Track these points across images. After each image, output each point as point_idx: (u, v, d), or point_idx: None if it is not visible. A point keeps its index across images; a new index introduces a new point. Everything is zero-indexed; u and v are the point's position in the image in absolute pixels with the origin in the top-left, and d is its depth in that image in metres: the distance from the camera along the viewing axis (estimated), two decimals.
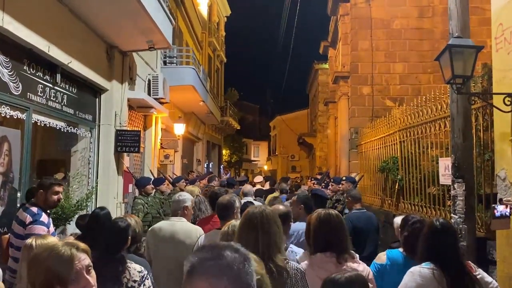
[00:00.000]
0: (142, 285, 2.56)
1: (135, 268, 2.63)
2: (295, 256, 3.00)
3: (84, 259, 1.63)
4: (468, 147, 4.70)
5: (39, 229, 3.72)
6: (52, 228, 4.11)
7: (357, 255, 2.73)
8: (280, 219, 2.54)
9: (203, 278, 1.05)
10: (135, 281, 2.56)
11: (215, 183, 9.44)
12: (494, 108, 4.23)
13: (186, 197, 4.11)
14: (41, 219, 3.80)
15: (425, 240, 2.68)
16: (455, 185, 4.71)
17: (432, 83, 11.29)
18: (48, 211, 4.10)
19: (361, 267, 2.61)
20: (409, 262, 2.91)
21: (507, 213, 3.84)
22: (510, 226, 3.89)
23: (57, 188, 3.99)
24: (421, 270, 2.56)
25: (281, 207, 3.53)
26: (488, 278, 2.65)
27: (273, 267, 2.23)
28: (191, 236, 3.76)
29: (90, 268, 1.65)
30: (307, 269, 2.54)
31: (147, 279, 2.62)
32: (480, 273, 2.62)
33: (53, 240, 2.66)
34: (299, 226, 4.02)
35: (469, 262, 2.70)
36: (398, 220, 3.64)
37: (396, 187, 7.89)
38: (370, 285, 2.30)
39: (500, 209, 3.87)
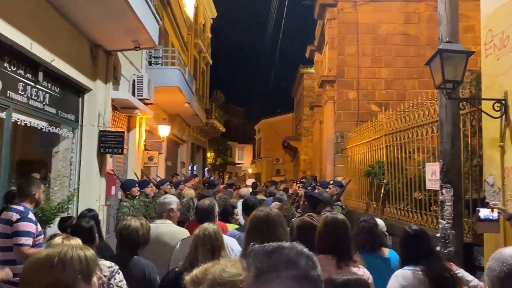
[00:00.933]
0: (112, 279, 2.62)
1: (104, 264, 2.67)
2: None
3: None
4: (457, 153, 4.71)
5: (27, 226, 3.66)
6: (39, 226, 3.99)
7: (360, 259, 2.77)
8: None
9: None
10: (105, 276, 2.58)
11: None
12: (483, 114, 4.24)
13: (172, 199, 4.10)
14: (28, 216, 3.73)
15: (402, 246, 2.89)
16: (444, 190, 4.70)
17: (417, 89, 11.39)
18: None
19: (361, 271, 2.64)
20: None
21: (494, 217, 3.82)
22: (499, 230, 3.88)
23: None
24: (404, 272, 2.72)
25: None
26: (468, 277, 2.79)
27: None
28: (176, 238, 3.70)
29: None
30: None
31: (118, 273, 2.67)
32: (460, 272, 2.78)
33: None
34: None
35: (450, 263, 2.91)
36: None
37: (382, 191, 7.90)
38: None
39: (485, 212, 3.84)
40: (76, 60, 6.50)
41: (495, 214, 3.77)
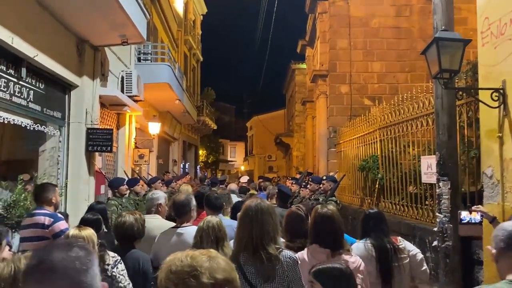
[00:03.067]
0: (115, 267, 2.93)
1: (109, 254, 3.01)
2: None
3: None
4: (453, 145, 4.61)
5: (63, 224, 3.92)
6: None
7: (352, 248, 3.07)
8: None
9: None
10: (108, 264, 2.93)
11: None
12: (480, 104, 4.13)
13: (159, 195, 4.28)
14: (59, 216, 4.03)
15: (360, 224, 3.51)
16: (440, 184, 4.60)
17: (409, 82, 11.32)
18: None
19: (353, 259, 2.81)
20: None
21: (475, 220, 3.79)
22: (482, 232, 3.82)
23: None
24: (357, 244, 3.33)
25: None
26: (410, 247, 3.39)
27: (263, 255, 2.45)
28: None
29: None
30: (304, 258, 2.82)
31: (120, 263, 2.99)
32: (403, 244, 3.37)
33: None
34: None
35: (396, 237, 3.46)
36: None
37: (377, 186, 7.80)
38: (360, 275, 2.70)
39: (466, 215, 3.79)
40: (61, 56, 6.30)
41: (477, 217, 3.74)
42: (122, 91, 8.92)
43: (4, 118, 5.22)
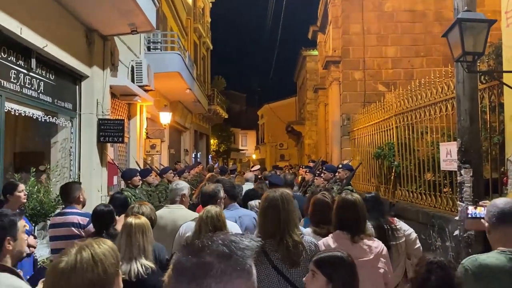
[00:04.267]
0: None
1: None
2: None
3: None
4: (476, 130, 4.42)
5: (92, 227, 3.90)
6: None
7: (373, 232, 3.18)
8: None
9: None
10: None
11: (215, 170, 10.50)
12: (504, 88, 3.95)
13: (183, 185, 4.29)
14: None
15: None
16: (462, 171, 4.44)
17: (425, 67, 11.05)
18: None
19: (376, 244, 2.87)
20: None
21: (480, 215, 3.69)
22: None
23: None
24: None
25: None
26: (405, 227, 3.64)
27: (289, 242, 2.60)
28: None
29: None
30: (328, 244, 2.89)
31: None
32: (400, 224, 3.62)
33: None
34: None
35: (394, 218, 3.73)
36: None
37: (393, 174, 7.64)
38: (382, 260, 2.80)
39: (471, 210, 3.72)
40: (71, 46, 6.22)
41: (482, 212, 3.64)
42: (133, 81, 8.84)
43: (15, 110, 5.17)
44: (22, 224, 2.34)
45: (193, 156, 19.53)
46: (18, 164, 6.68)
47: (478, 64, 4.66)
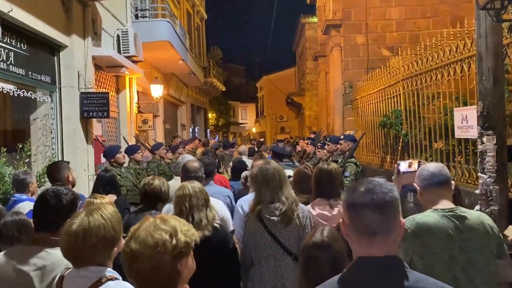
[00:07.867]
0: None
1: None
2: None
3: None
4: (500, 92, 3.87)
5: None
6: None
7: None
8: None
9: None
10: None
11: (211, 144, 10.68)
12: None
13: (189, 158, 4.48)
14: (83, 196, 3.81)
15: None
16: (484, 139, 3.90)
17: (431, 29, 10.38)
18: None
19: None
20: None
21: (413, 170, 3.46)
22: None
23: None
24: None
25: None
26: None
27: (300, 213, 3.05)
28: None
29: None
30: (309, 211, 3.24)
31: None
32: None
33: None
34: None
35: None
36: None
37: (401, 143, 7.13)
38: None
39: (404, 166, 3.58)
40: (44, 12, 5.62)
41: (414, 166, 3.44)
42: (119, 51, 8.23)
43: None
44: None
45: (191, 130, 19.02)
46: None
47: (502, 14, 4.08)
